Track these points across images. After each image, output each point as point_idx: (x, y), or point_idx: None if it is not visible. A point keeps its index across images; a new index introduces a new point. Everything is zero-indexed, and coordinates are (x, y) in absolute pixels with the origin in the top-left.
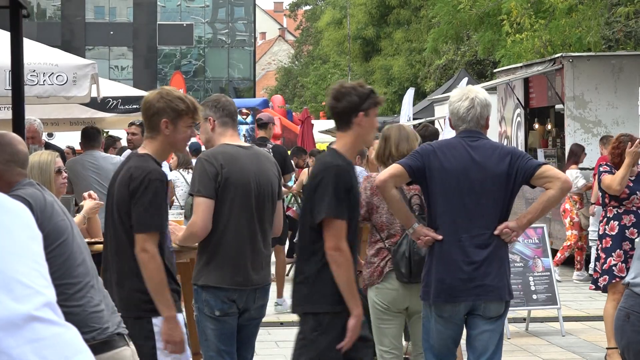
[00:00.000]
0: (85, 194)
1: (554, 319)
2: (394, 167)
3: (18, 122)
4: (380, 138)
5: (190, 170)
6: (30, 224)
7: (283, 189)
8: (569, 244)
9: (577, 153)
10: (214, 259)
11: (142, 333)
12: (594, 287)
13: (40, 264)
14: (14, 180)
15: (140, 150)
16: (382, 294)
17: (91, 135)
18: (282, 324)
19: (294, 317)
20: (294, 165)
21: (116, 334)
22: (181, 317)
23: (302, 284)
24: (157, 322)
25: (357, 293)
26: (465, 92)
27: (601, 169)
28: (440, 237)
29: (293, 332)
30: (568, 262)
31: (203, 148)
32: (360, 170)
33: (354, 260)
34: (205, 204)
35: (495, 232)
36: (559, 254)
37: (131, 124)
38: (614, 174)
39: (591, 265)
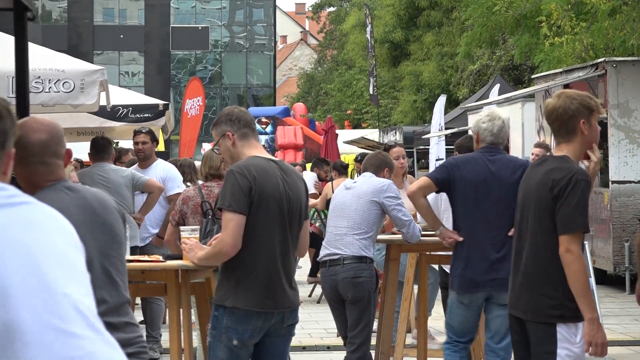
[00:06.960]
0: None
1: None
2: (423, 180)
3: None
4: (202, 158)
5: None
6: (71, 230)
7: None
8: None
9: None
10: (245, 279)
11: (546, 337)
12: None
13: (84, 273)
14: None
15: (556, 153)
16: None
17: (101, 146)
18: (304, 348)
19: (317, 342)
20: (316, 178)
21: None
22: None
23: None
24: (561, 329)
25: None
26: (497, 114)
27: None
28: (461, 239)
29: (315, 356)
30: (614, 282)
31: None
32: (312, 177)
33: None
34: (236, 220)
35: (510, 234)
36: None
37: (138, 132)
38: None
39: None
